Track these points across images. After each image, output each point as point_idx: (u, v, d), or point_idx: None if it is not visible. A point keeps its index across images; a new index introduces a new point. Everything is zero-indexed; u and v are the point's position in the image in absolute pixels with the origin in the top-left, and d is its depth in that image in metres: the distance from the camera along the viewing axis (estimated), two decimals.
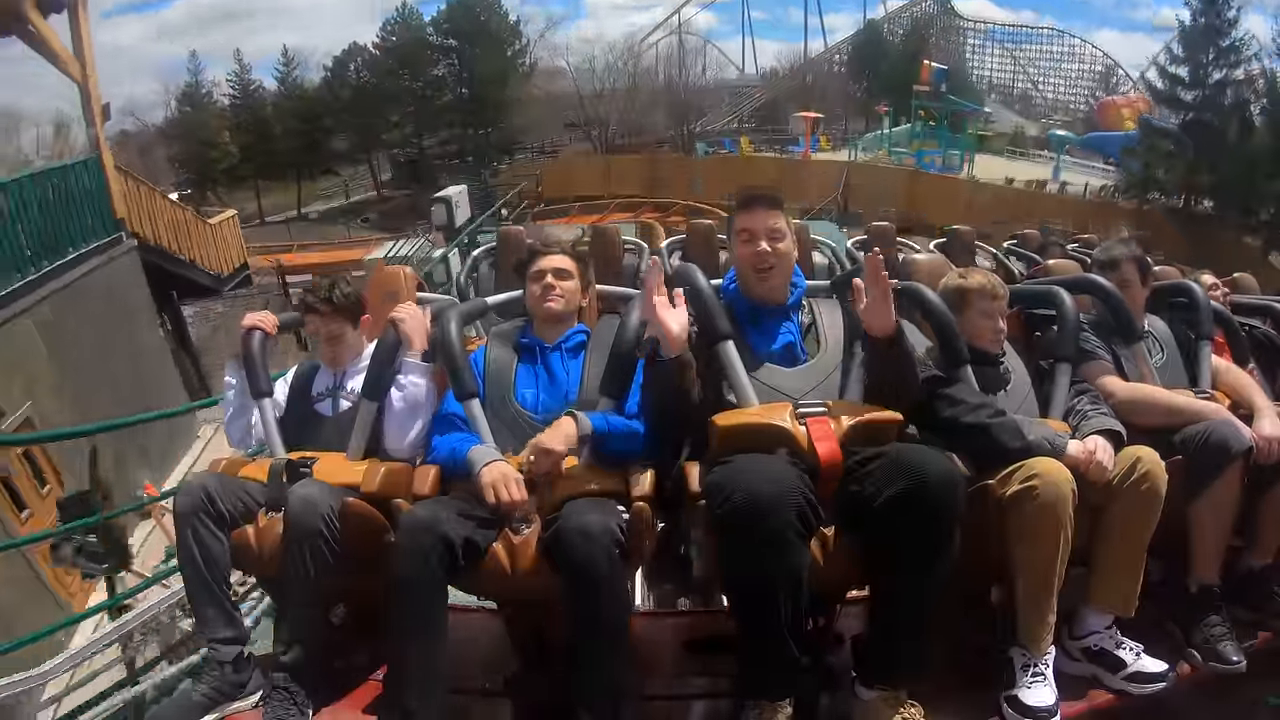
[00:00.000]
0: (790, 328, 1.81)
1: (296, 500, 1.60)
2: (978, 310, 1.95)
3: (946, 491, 1.41)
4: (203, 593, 1.67)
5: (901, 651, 1.50)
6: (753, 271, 1.80)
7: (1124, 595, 1.66)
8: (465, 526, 1.52)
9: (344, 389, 2.02)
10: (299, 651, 1.59)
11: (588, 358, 1.88)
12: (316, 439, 1.94)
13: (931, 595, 1.46)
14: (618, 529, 1.49)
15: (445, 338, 1.87)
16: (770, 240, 1.78)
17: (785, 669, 1.46)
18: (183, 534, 1.66)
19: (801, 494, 1.41)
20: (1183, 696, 1.72)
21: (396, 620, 1.49)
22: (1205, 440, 1.75)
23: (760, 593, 1.40)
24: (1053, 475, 1.52)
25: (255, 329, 2.07)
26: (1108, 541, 1.67)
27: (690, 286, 1.78)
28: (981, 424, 1.63)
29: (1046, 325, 2.17)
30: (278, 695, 1.57)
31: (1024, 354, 2.05)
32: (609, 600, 1.45)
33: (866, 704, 1.52)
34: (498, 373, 1.87)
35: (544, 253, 2.01)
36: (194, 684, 1.68)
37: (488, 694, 1.77)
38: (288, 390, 2.08)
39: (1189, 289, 2.28)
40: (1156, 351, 2.13)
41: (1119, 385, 1.98)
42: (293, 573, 1.58)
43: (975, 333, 1.94)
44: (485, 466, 1.60)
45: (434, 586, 1.49)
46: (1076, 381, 1.94)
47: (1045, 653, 1.57)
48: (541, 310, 1.94)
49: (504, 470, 1.59)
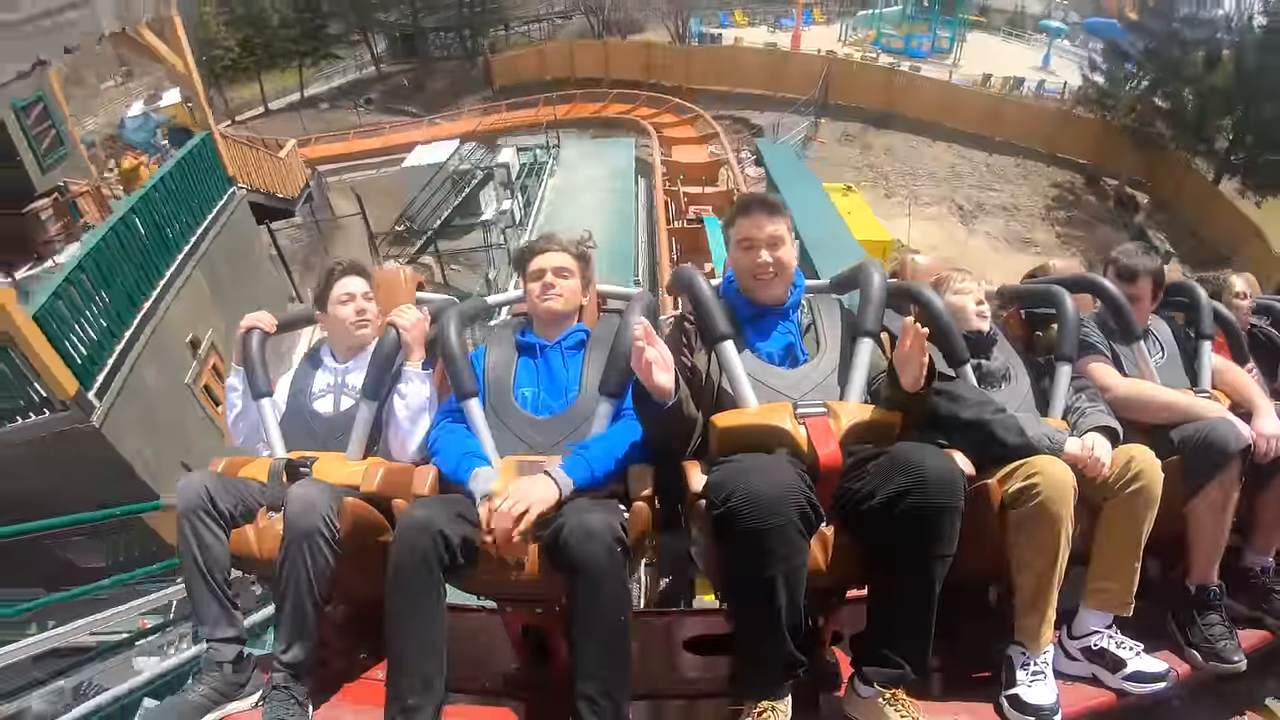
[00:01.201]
0: (790, 328, 1.82)
1: (296, 500, 1.60)
2: (953, 291, 2.01)
3: (946, 489, 1.41)
4: (202, 592, 1.66)
5: (901, 650, 1.50)
6: (753, 279, 1.80)
7: (1121, 594, 1.67)
8: (463, 526, 1.52)
9: (346, 386, 2.02)
10: (298, 651, 1.59)
11: (587, 356, 1.88)
12: (317, 438, 1.94)
13: (931, 594, 1.46)
14: (619, 527, 1.48)
15: (445, 338, 1.86)
16: (771, 249, 1.77)
17: (785, 668, 1.46)
18: (183, 533, 1.66)
19: (801, 493, 1.41)
20: (1183, 696, 1.73)
21: (395, 619, 1.49)
22: (1203, 439, 1.75)
23: (760, 592, 1.40)
24: (1053, 474, 1.52)
25: (254, 329, 2.06)
26: (1105, 540, 1.67)
27: (689, 288, 1.78)
28: (982, 420, 1.63)
29: (1047, 325, 2.17)
30: (277, 695, 1.56)
31: (1024, 353, 2.05)
32: (610, 598, 1.45)
33: (866, 703, 1.52)
34: (497, 372, 1.87)
35: (544, 250, 2.00)
36: (193, 683, 1.67)
37: (487, 693, 1.77)
38: (289, 388, 2.08)
39: (1189, 288, 2.27)
40: (1156, 351, 2.13)
41: (1117, 381, 1.98)
42: (292, 572, 1.57)
43: (960, 316, 1.96)
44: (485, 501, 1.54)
45: (432, 585, 1.49)
46: (1076, 379, 1.95)
47: (1044, 651, 1.58)
48: (541, 309, 1.94)
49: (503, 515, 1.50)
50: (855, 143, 19.62)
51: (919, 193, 17.96)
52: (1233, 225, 15.59)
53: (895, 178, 18.12)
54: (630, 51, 20.21)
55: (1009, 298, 2.27)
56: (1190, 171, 16.21)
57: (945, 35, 22.05)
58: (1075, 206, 18.17)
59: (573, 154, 14.56)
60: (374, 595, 1.54)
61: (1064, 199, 18.37)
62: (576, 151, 14.12)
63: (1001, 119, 18.05)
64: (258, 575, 1.83)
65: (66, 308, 5.58)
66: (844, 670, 1.69)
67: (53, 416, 5.49)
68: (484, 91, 23.55)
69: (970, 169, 18.48)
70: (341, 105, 22.20)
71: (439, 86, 24.89)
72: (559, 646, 1.73)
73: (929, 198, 18.27)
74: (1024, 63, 21.65)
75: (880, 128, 19.01)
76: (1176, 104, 15.54)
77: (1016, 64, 21.26)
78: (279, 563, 1.59)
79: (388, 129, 19.84)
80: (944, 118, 18.26)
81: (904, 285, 2.02)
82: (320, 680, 1.68)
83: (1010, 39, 25.05)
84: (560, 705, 1.49)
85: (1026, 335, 2.23)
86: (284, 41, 22.82)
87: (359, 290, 2.10)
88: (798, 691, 1.50)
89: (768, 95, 20.22)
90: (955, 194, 18.44)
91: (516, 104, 19.87)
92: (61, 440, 5.48)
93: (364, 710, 1.63)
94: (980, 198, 18.35)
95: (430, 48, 25.43)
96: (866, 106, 18.69)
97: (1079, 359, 1.99)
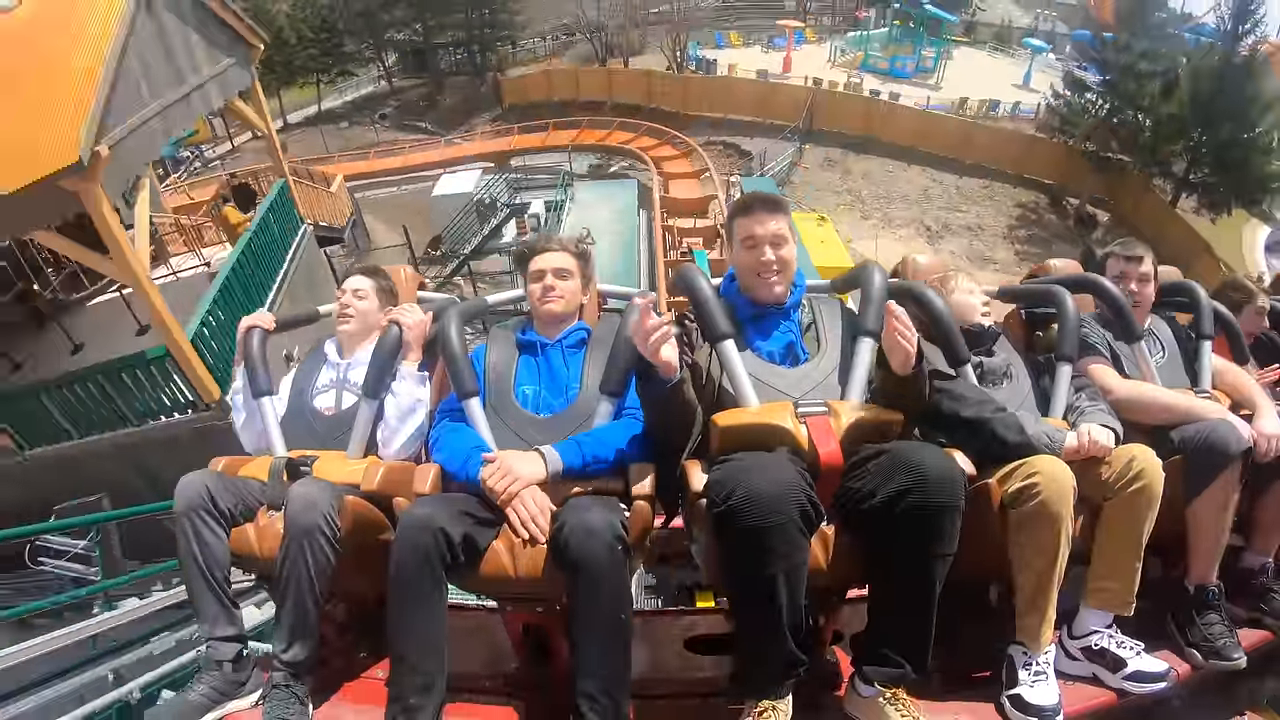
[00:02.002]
0: (791, 327, 1.81)
1: (296, 499, 1.60)
2: (962, 290, 2.04)
3: (946, 487, 1.41)
4: (203, 591, 1.67)
5: (901, 650, 1.50)
6: (756, 278, 1.80)
7: (1122, 594, 1.67)
8: (464, 524, 1.52)
9: (348, 382, 2.02)
10: (299, 649, 1.59)
11: (588, 355, 1.88)
12: (318, 437, 1.94)
13: (931, 593, 1.46)
14: (619, 525, 1.48)
15: (445, 337, 1.86)
16: (774, 247, 1.77)
17: (785, 667, 1.46)
18: (183, 531, 1.66)
19: (802, 491, 1.41)
20: (1183, 696, 1.73)
21: (396, 618, 1.49)
22: (1204, 440, 1.75)
23: (760, 591, 1.40)
24: (1053, 473, 1.52)
25: (254, 328, 2.06)
26: (1105, 540, 1.67)
27: (691, 287, 1.78)
28: (982, 419, 1.63)
29: (1047, 325, 2.17)
30: (277, 694, 1.56)
31: (1024, 353, 2.06)
32: (610, 596, 1.45)
33: (866, 702, 1.52)
34: (498, 371, 1.87)
35: (544, 250, 2.00)
36: (193, 683, 1.67)
37: (488, 693, 1.77)
38: (291, 386, 2.08)
39: (1189, 289, 2.28)
40: (1157, 351, 2.13)
41: (1117, 382, 1.98)
42: (292, 571, 1.57)
43: (965, 311, 1.97)
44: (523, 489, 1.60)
45: (433, 584, 1.48)
46: (1076, 379, 1.95)
47: (1045, 651, 1.58)
48: (542, 311, 1.94)
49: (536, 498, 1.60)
50: (836, 168, 20.40)
51: (892, 214, 18.91)
52: (1186, 241, 16.58)
53: (871, 201, 19.08)
54: (632, 78, 21.65)
55: (1009, 298, 2.28)
56: (1149, 191, 17.35)
57: (930, 55, 23.06)
58: (1037, 225, 18.97)
59: (587, 196, 16.68)
60: (375, 594, 1.55)
61: (1027, 218, 19.19)
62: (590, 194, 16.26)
63: (972, 143, 19.18)
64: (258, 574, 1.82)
65: (209, 331, 7.04)
66: (844, 670, 1.68)
67: (195, 415, 6.85)
68: (494, 109, 24.60)
69: (941, 191, 19.42)
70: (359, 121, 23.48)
71: (451, 103, 26.02)
72: (559, 646, 1.73)
73: (901, 219, 19.04)
74: (1007, 79, 22.70)
75: (859, 153, 20.01)
76: (1134, 130, 16.80)
77: (1000, 80, 22.41)
78: (279, 561, 1.59)
79: (407, 149, 21.17)
80: (919, 142, 19.31)
81: (904, 285, 2.02)
82: (321, 679, 1.68)
83: (996, 54, 26.12)
84: (560, 705, 1.49)
85: (1026, 335, 2.23)
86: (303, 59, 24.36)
87: (351, 287, 2.15)
88: (798, 691, 1.50)
89: (758, 122, 21.28)
90: (925, 215, 19.24)
91: (528, 127, 20.84)
92: (198, 436, 6.78)
93: (365, 709, 1.63)
94: (948, 218, 19.16)
95: (440, 63, 26.59)
96: (848, 132, 19.77)
97: (1079, 359, 1.99)
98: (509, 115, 23.77)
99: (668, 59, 22.49)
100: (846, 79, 20.83)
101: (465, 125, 24.46)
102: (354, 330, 2.12)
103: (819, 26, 27.90)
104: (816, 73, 21.82)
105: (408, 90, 27.56)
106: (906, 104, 20.11)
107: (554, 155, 19.81)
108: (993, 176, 19.36)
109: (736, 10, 30.48)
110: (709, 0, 30.50)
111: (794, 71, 21.95)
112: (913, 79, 22.45)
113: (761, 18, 28.91)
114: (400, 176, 20.60)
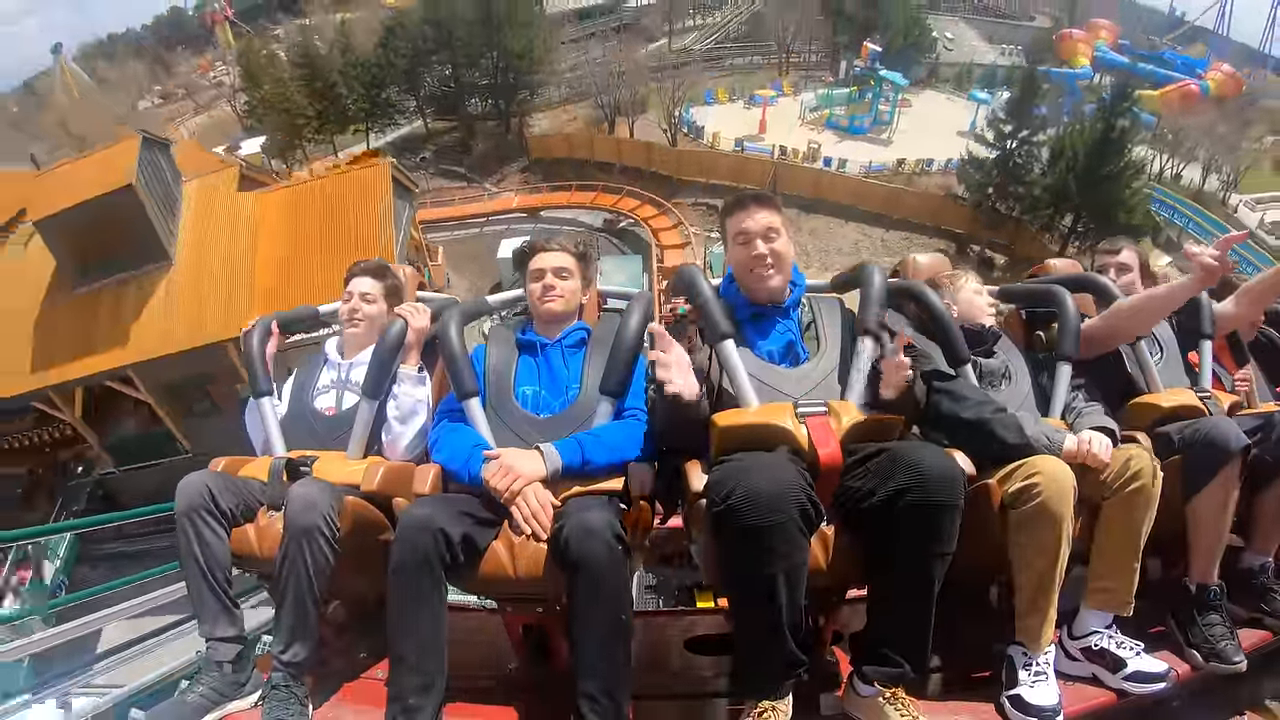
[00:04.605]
0: (790, 326, 1.81)
1: (296, 499, 1.60)
2: (971, 290, 2.05)
3: (945, 486, 1.41)
4: (203, 591, 1.66)
5: (901, 649, 1.50)
6: (751, 273, 1.80)
7: (1122, 594, 1.67)
8: (464, 524, 1.52)
9: (349, 382, 2.02)
10: (298, 650, 1.59)
11: (588, 355, 1.88)
12: (318, 437, 1.94)
13: (930, 592, 1.46)
14: (618, 525, 1.48)
15: (446, 337, 1.86)
16: (766, 240, 1.77)
17: (785, 667, 1.46)
18: (183, 531, 1.66)
19: (802, 490, 1.41)
20: (1183, 696, 1.73)
21: (397, 618, 1.48)
22: (1203, 438, 1.75)
23: (760, 590, 1.40)
24: (1053, 474, 1.52)
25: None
26: (1105, 540, 1.67)
27: (691, 287, 1.78)
28: (982, 419, 1.63)
29: (1047, 325, 2.17)
30: (277, 694, 1.56)
31: (1024, 353, 2.06)
32: (610, 596, 1.45)
33: (866, 702, 1.52)
34: (498, 370, 1.87)
35: (544, 249, 1.99)
36: (193, 683, 1.67)
37: (488, 693, 1.77)
38: (292, 386, 2.08)
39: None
40: (1156, 350, 2.13)
41: (1117, 305, 2.02)
42: (292, 571, 1.57)
43: (972, 311, 1.98)
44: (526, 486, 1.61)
45: (433, 584, 1.49)
46: (1075, 379, 1.95)
47: (1045, 651, 1.58)
48: (541, 311, 1.94)
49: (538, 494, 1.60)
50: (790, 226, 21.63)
51: (829, 262, 21.82)
52: None
53: (814, 253, 22.31)
54: (636, 147, 26.35)
55: (1009, 298, 2.28)
56: (1038, 240, 21.41)
57: (886, 110, 27.41)
58: None
59: (606, 266, 19.43)
60: (374, 594, 1.54)
61: None
62: (609, 264, 19.49)
63: (900, 202, 23.35)
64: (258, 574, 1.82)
65: None
66: (844, 670, 1.68)
67: None
68: (521, 159, 28.32)
69: (869, 243, 23.03)
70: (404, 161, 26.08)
71: (483, 149, 29.51)
72: (559, 646, 1.73)
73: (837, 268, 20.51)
74: (955, 127, 26.52)
75: (809, 213, 23.46)
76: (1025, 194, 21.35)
77: (949, 128, 26.44)
78: (279, 561, 1.59)
79: (456, 199, 25.58)
80: (857, 203, 23.49)
81: (904, 285, 2.02)
82: (320, 679, 1.68)
83: (955, 97, 29.95)
84: (560, 705, 1.49)
85: (1026, 335, 2.23)
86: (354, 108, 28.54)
87: (358, 290, 2.12)
88: (798, 691, 1.50)
89: (736, 186, 24.37)
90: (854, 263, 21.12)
91: (556, 186, 25.33)
92: None
93: (364, 710, 1.63)
94: None
95: (468, 107, 30.19)
96: (804, 195, 23.37)
97: None
98: (535, 167, 27.82)
99: (664, 130, 26.52)
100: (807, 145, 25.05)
101: (498, 173, 27.92)
102: (362, 334, 2.10)
103: (795, 78, 31.55)
104: (788, 129, 26.57)
105: (442, 134, 30.91)
106: (853, 165, 24.43)
107: (575, 210, 24.06)
108: (914, 230, 23.04)
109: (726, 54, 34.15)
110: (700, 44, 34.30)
111: (768, 132, 26.58)
112: (869, 133, 27.02)
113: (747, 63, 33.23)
114: (454, 223, 24.06)
